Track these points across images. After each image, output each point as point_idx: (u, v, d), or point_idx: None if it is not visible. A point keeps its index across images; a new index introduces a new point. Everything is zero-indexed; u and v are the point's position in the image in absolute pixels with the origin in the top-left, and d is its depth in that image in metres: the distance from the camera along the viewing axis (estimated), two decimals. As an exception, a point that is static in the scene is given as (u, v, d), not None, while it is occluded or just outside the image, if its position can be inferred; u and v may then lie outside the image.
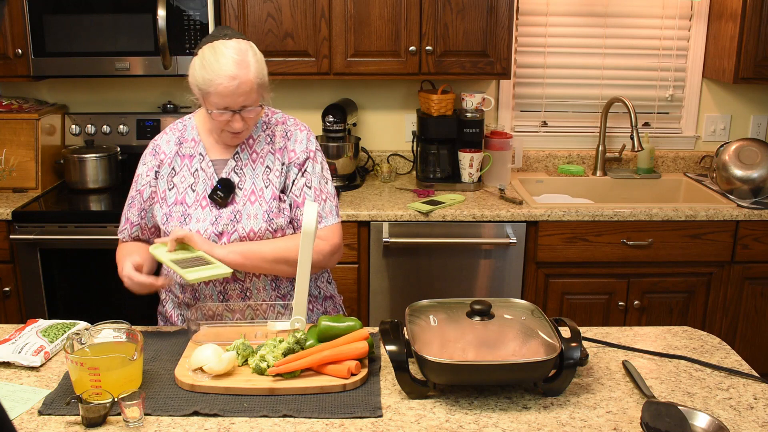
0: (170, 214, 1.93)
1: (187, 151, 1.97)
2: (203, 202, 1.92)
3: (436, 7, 3.01)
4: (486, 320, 1.63)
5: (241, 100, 1.81)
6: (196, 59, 1.83)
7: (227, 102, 1.80)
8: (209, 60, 1.79)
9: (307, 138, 1.99)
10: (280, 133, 1.98)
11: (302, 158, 1.96)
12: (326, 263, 1.96)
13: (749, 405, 1.54)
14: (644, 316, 3.05)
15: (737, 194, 3.12)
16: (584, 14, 3.42)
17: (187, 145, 1.97)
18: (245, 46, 1.82)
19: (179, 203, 1.93)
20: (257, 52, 1.86)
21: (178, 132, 2.00)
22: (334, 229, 1.97)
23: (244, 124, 1.85)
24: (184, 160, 1.96)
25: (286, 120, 2.01)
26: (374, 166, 3.48)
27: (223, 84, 1.77)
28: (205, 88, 1.80)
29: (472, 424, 1.46)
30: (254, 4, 3.00)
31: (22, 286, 2.94)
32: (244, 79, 1.78)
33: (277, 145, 1.96)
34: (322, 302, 2.09)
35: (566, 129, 3.55)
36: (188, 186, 1.94)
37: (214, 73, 1.78)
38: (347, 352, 1.61)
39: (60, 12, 2.96)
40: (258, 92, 1.84)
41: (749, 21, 3.08)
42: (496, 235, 2.93)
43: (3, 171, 3.13)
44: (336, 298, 2.15)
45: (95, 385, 1.48)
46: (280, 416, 1.48)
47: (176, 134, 1.99)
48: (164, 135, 2.01)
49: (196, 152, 1.96)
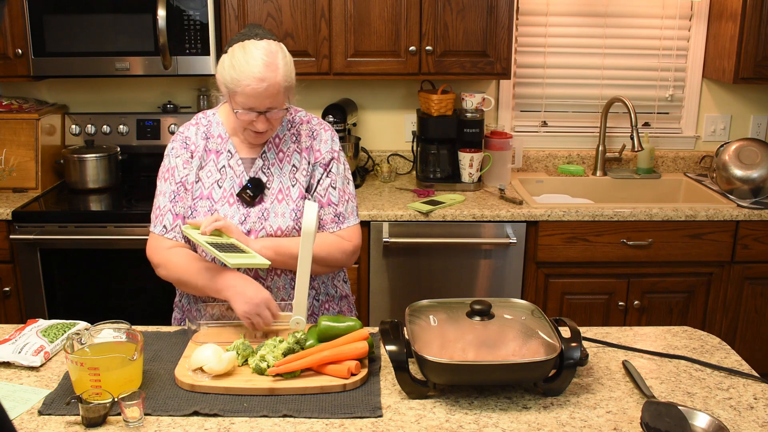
0: (195, 207, 1.91)
1: (214, 147, 1.96)
2: (230, 200, 1.91)
3: (436, 7, 3.01)
4: (486, 320, 1.63)
5: (267, 102, 1.80)
6: (225, 57, 1.83)
7: (253, 103, 1.80)
8: (239, 60, 1.78)
9: (331, 138, 2.00)
10: (306, 132, 1.98)
11: (328, 158, 1.97)
12: (347, 262, 2.00)
13: (749, 405, 1.54)
14: (644, 316, 3.05)
15: (737, 194, 3.12)
16: (584, 14, 3.42)
17: (213, 140, 1.96)
18: (275, 48, 1.81)
19: (205, 198, 1.92)
20: (287, 54, 1.85)
21: (203, 126, 1.99)
22: (355, 230, 2.00)
23: (268, 124, 1.85)
24: (210, 155, 1.95)
25: (310, 119, 2.02)
26: (374, 166, 3.48)
27: (251, 86, 1.77)
28: (232, 87, 1.80)
29: (472, 424, 1.46)
30: (254, 4, 3.00)
31: (22, 286, 2.94)
32: (272, 81, 1.77)
33: (303, 145, 1.97)
34: (338, 302, 2.09)
35: (566, 129, 3.55)
36: (214, 182, 1.93)
37: (242, 73, 1.77)
38: (347, 352, 1.61)
39: (60, 12, 2.96)
40: (284, 94, 1.83)
41: (749, 21, 3.08)
42: (496, 235, 2.93)
43: (3, 171, 3.13)
44: (350, 297, 2.16)
45: (95, 385, 1.48)
46: (280, 416, 1.48)
47: (202, 129, 1.98)
48: (192, 127, 1.99)
49: (223, 149, 1.95)
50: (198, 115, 2.02)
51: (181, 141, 1.97)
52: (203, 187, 1.93)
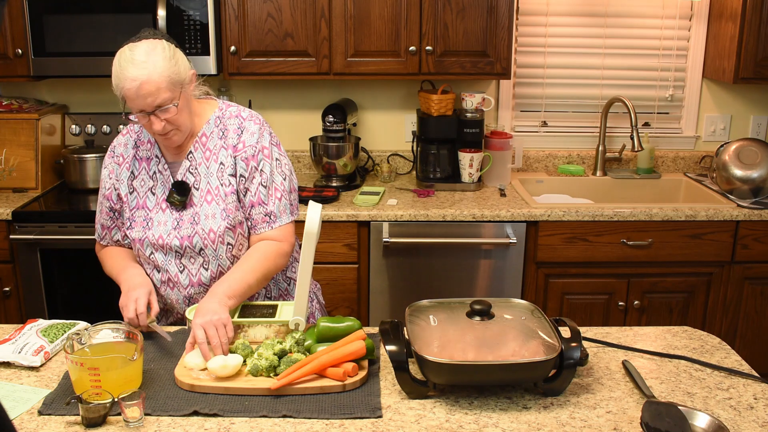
0: (133, 218, 1.92)
1: (144, 154, 1.94)
2: (163, 205, 1.90)
3: (436, 7, 3.01)
4: (486, 320, 1.63)
5: (150, 101, 1.75)
6: None
7: (137, 104, 1.75)
8: (115, 65, 1.76)
9: (259, 132, 1.91)
10: (234, 127, 1.91)
11: (250, 153, 1.89)
12: (286, 263, 1.95)
13: (749, 405, 1.54)
14: (644, 316, 3.05)
15: (737, 194, 3.12)
16: (584, 14, 3.42)
17: (143, 147, 1.94)
18: (152, 46, 1.75)
19: (140, 207, 1.92)
20: (168, 48, 1.78)
21: (134, 134, 1.96)
22: (289, 228, 1.94)
23: (165, 124, 1.79)
24: (142, 164, 1.93)
25: (239, 113, 1.94)
26: (374, 166, 3.48)
27: (125, 86, 1.73)
28: (117, 93, 1.78)
29: (472, 424, 1.46)
30: (254, 4, 3.00)
31: (22, 286, 2.94)
32: (145, 78, 1.72)
33: (230, 141, 1.90)
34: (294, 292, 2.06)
35: (566, 129, 3.55)
36: (148, 189, 1.92)
37: (118, 77, 1.74)
38: (344, 354, 1.60)
39: (60, 12, 2.96)
40: (170, 90, 1.76)
41: (749, 21, 3.08)
42: (496, 235, 2.93)
43: (3, 171, 3.13)
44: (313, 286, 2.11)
45: (95, 385, 1.49)
46: (280, 416, 1.48)
47: (133, 136, 1.96)
48: (121, 137, 1.98)
49: (152, 155, 1.93)
50: (131, 123, 1.96)
51: (110, 151, 1.99)
52: (138, 197, 1.92)
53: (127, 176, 1.93)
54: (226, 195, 1.88)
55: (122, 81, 1.73)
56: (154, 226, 1.89)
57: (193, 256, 1.88)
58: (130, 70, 1.72)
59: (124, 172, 1.93)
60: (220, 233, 1.87)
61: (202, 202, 1.88)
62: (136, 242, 1.91)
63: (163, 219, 1.89)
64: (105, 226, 2.01)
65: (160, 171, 1.92)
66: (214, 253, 1.88)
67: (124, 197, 1.93)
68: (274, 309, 1.81)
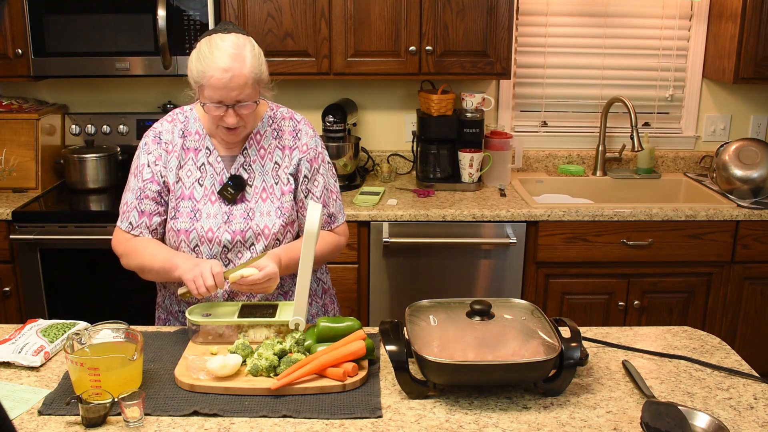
0: (177, 208, 1.90)
1: (192, 144, 1.93)
2: (212, 197, 1.90)
3: (436, 7, 3.01)
4: (486, 320, 1.63)
5: (234, 94, 1.77)
6: (194, 52, 1.82)
7: (220, 95, 1.77)
8: (204, 52, 1.77)
9: (315, 135, 2.00)
10: (289, 128, 1.96)
11: (312, 155, 1.96)
12: (337, 257, 2.07)
13: (749, 405, 1.54)
14: (644, 316, 3.05)
15: (737, 194, 3.12)
16: (584, 14, 3.42)
17: (191, 138, 1.93)
18: (243, 41, 1.80)
19: (187, 198, 1.90)
20: (256, 47, 1.83)
21: (180, 123, 1.95)
22: (345, 226, 2.07)
23: (238, 119, 1.82)
24: (189, 154, 1.92)
25: (293, 115, 2.00)
26: (374, 166, 3.48)
27: (215, 76, 1.75)
28: (199, 80, 1.78)
29: (472, 424, 1.46)
30: (254, 4, 3.00)
31: (22, 286, 2.94)
32: (237, 72, 1.75)
33: (286, 141, 1.95)
34: (321, 296, 2.09)
35: (566, 129, 3.55)
36: (195, 180, 1.91)
37: (208, 65, 1.76)
38: (344, 354, 1.60)
39: (60, 12, 2.96)
40: (253, 87, 1.80)
41: (749, 21, 3.08)
42: (496, 235, 2.93)
43: (3, 171, 3.13)
44: (332, 290, 2.16)
45: (95, 385, 1.48)
46: (280, 416, 1.48)
47: (179, 126, 1.95)
48: (167, 123, 1.95)
49: (202, 146, 1.93)
50: (174, 111, 1.98)
51: (153, 136, 1.94)
52: (184, 187, 1.91)
53: (176, 165, 1.92)
54: (282, 194, 1.92)
55: (210, 69, 1.75)
56: (203, 218, 1.88)
57: (241, 251, 1.89)
58: (222, 59, 1.75)
59: (174, 161, 1.91)
60: (275, 231, 1.89)
61: (257, 198, 1.91)
62: (181, 233, 1.88)
63: (212, 212, 1.89)
64: (145, 212, 1.90)
65: (211, 163, 1.92)
66: (263, 250, 1.89)
67: (172, 186, 1.90)
68: (274, 309, 1.81)
